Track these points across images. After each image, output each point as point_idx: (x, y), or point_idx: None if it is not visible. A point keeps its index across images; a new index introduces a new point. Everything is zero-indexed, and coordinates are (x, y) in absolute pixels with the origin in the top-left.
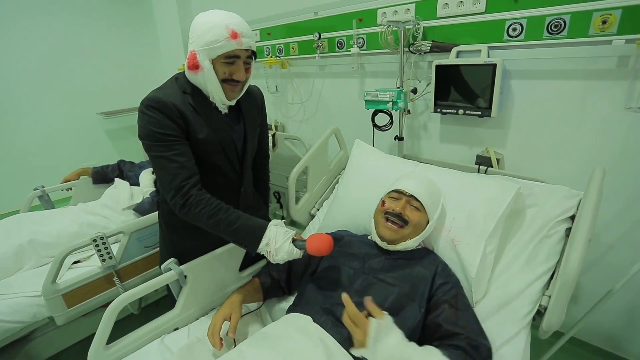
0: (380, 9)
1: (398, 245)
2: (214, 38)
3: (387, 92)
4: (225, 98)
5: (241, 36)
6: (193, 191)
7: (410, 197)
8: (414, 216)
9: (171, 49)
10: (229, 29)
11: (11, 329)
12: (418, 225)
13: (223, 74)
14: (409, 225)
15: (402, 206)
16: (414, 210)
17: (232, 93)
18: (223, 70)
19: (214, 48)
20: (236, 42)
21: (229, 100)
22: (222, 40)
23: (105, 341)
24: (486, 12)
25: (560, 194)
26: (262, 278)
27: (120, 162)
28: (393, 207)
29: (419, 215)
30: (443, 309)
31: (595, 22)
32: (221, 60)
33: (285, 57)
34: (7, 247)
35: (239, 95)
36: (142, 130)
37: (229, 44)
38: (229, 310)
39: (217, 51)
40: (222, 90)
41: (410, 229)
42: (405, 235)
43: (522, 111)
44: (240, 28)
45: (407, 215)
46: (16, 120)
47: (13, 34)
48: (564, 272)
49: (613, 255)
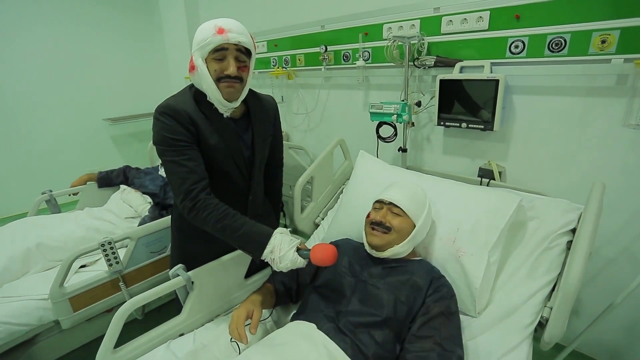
0: (386, 24)
1: (386, 252)
2: (203, 37)
3: (391, 105)
4: (221, 98)
5: (228, 31)
6: (201, 195)
7: (390, 204)
8: (396, 222)
9: (178, 58)
10: (217, 27)
11: (17, 331)
12: (401, 230)
13: (214, 71)
14: (392, 231)
15: (383, 214)
16: (395, 216)
17: (229, 90)
18: (214, 67)
19: (203, 46)
20: (222, 36)
21: (228, 100)
22: (209, 37)
23: (114, 345)
24: (489, 30)
25: (561, 207)
26: (276, 284)
27: (126, 168)
28: (375, 216)
29: (400, 220)
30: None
31: (595, 42)
32: (212, 57)
33: (292, 68)
34: (15, 250)
35: (239, 96)
36: (155, 136)
37: (215, 39)
38: (252, 306)
39: (206, 48)
40: (218, 90)
41: (395, 234)
42: (391, 241)
43: (524, 125)
44: (228, 25)
45: (388, 221)
46: (25, 125)
47: (25, 41)
48: (565, 284)
49: (614, 269)
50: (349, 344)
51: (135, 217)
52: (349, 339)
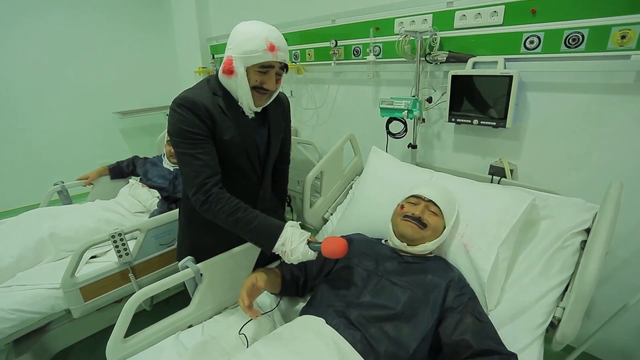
0: (397, 19)
1: (417, 247)
2: (252, 48)
3: (402, 101)
4: (252, 104)
5: (278, 50)
6: (214, 189)
7: (429, 202)
8: (433, 220)
9: (188, 52)
10: (268, 42)
11: (30, 318)
12: (436, 229)
13: (255, 81)
14: (427, 228)
15: (421, 210)
16: (432, 214)
17: (260, 100)
18: (255, 78)
19: (251, 57)
20: (273, 54)
21: (257, 106)
22: (260, 51)
23: (124, 334)
24: (504, 25)
25: (575, 206)
26: (283, 271)
27: (135, 158)
28: (412, 210)
29: (437, 219)
30: (468, 323)
31: (614, 37)
32: (255, 69)
33: (301, 63)
34: (29, 240)
35: (266, 103)
36: (171, 127)
37: (266, 55)
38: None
39: (254, 60)
40: (252, 97)
41: (430, 232)
42: (425, 237)
43: (538, 123)
44: (279, 42)
45: (426, 219)
46: (37, 119)
47: (36, 35)
48: (580, 284)
49: (628, 270)
50: (359, 339)
51: (144, 211)
52: (359, 334)
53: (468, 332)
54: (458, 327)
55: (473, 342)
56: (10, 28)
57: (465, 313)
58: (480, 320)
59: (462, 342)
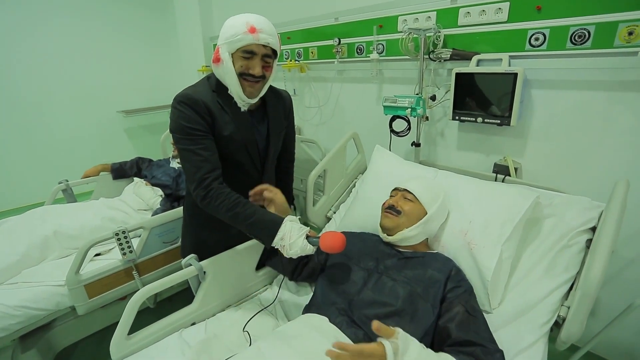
0: (401, 16)
1: (396, 235)
2: (233, 32)
3: (406, 99)
4: (242, 93)
5: (259, 32)
6: (214, 184)
7: (404, 191)
8: (407, 206)
9: (191, 51)
10: (249, 25)
11: (35, 315)
12: (411, 214)
13: (240, 67)
14: (402, 214)
15: (396, 199)
16: (407, 201)
17: (250, 89)
18: (240, 63)
19: (233, 42)
20: (253, 36)
21: (248, 97)
22: (240, 34)
23: (127, 331)
24: (508, 22)
25: (581, 205)
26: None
27: (139, 160)
28: (389, 202)
29: (412, 205)
30: (456, 312)
31: (621, 33)
32: (239, 54)
33: (304, 61)
34: (34, 237)
35: (258, 94)
36: (172, 124)
37: (246, 37)
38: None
39: (236, 44)
40: (240, 85)
41: (404, 218)
42: (401, 224)
43: (542, 121)
44: (260, 25)
45: (400, 205)
46: (42, 117)
47: (41, 36)
48: (585, 283)
49: (633, 269)
50: (361, 337)
51: (147, 210)
52: (361, 332)
53: (453, 321)
54: (445, 315)
55: (454, 332)
56: (19, 32)
57: (456, 303)
58: (470, 314)
59: (444, 330)
